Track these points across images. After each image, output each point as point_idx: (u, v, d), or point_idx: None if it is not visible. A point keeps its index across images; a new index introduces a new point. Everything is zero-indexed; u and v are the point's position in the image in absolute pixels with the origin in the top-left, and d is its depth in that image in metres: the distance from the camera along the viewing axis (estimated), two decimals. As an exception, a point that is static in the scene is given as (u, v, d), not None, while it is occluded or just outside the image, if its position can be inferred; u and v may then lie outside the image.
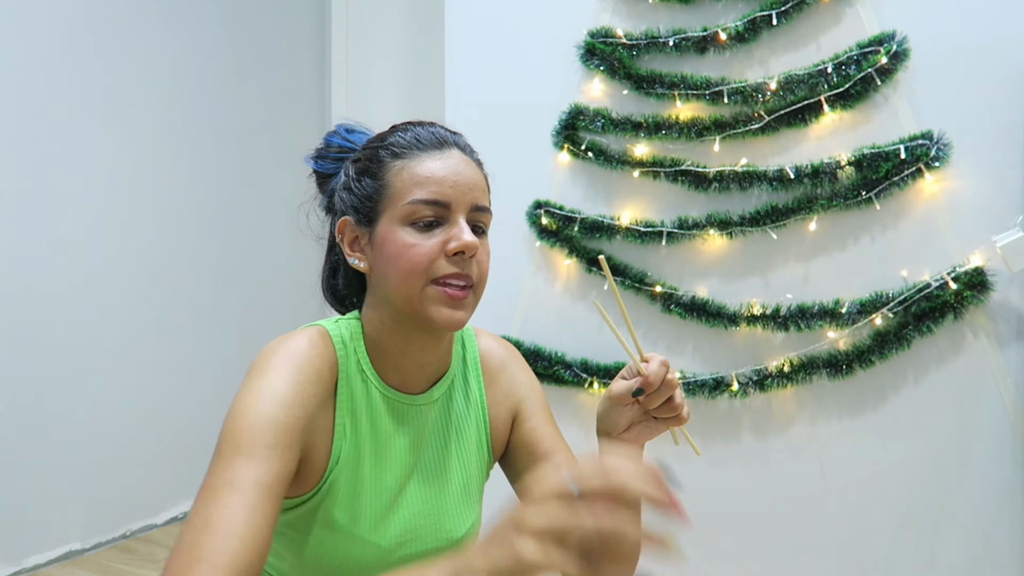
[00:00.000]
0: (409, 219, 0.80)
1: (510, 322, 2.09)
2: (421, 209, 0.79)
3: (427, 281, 0.79)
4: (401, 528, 0.85)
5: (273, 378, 0.75)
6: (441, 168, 0.81)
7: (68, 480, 2.61)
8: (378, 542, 0.83)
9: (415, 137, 0.84)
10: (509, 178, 2.07)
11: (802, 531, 1.87)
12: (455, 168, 0.82)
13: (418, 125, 0.87)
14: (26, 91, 2.51)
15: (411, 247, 0.79)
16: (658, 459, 0.73)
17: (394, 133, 0.86)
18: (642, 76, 1.89)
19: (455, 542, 0.89)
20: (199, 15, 3.07)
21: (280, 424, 0.72)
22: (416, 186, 0.80)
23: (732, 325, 1.85)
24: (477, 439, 0.94)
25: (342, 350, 0.83)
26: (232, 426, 0.71)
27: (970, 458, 1.72)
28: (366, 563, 0.82)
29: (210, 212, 3.13)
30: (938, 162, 1.67)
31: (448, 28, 2.17)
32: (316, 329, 0.84)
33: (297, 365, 0.77)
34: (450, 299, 0.79)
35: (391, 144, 0.84)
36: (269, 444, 0.70)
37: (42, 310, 2.57)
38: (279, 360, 0.77)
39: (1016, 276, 1.66)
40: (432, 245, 0.79)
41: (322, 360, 0.80)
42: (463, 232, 0.79)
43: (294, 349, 0.79)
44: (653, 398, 0.75)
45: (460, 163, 0.83)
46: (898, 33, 1.70)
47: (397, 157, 0.82)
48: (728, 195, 1.86)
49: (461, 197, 0.81)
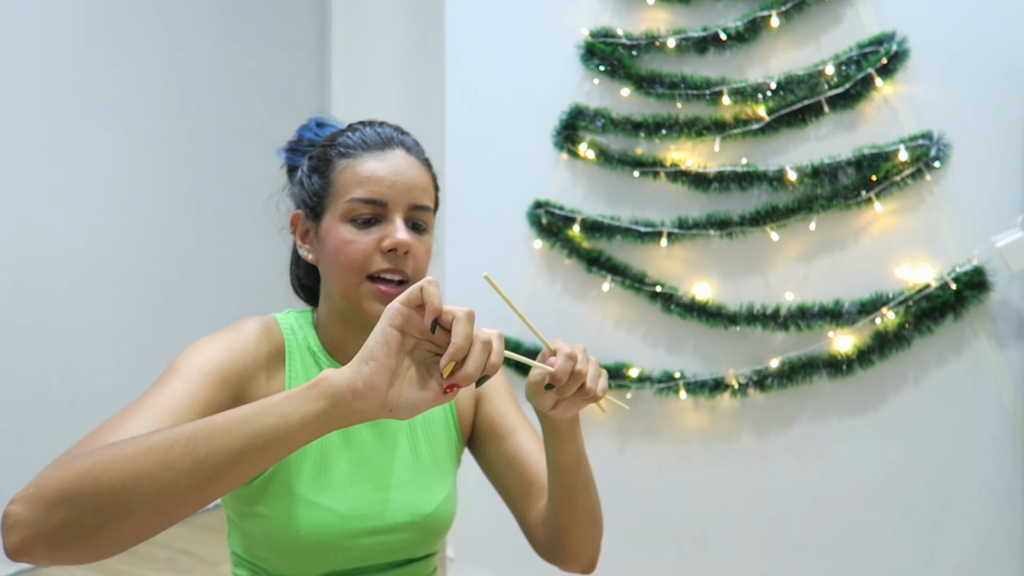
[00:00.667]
0: (348, 216, 0.84)
1: (510, 322, 2.09)
2: (359, 207, 0.84)
3: (363, 277, 0.84)
4: (367, 500, 0.87)
5: (215, 336, 0.84)
6: (381, 168, 0.85)
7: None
8: (343, 511, 0.85)
9: (361, 137, 0.88)
10: (509, 178, 2.08)
11: (802, 531, 1.87)
12: (395, 168, 0.86)
13: (368, 125, 0.91)
14: (25, 91, 2.51)
15: (348, 243, 0.83)
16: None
17: (344, 133, 0.91)
18: (642, 76, 1.89)
19: (423, 517, 0.90)
20: (199, 15, 3.07)
21: (215, 360, 0.78)
22: (356, 185, 0.85)
23: (732, 325, 1.85)
24: (444, 419, 0.97)
25: (290, 334, 0.90)
26: (172, 364, 0.79)
27: (970, 458, 1.72)
28: (331, 533, 0.84)
29: (210, 212, 3.13)
30: (938, 162, 1.67)
31: (448, 28, 2.18)
32: (264, 317, 0.90)
33: (238, 329, 0.85)
34: (383, 295, 0.83)
35: (340, 143, 0.88)
36: (202, 370, 0.77)
37: (42, 310, 2.57)
38: (225, 328, 0.86)
39: (1016, 276, 1.66)
40: (368, 242, 0.83)
41: (266, 334, 0.87)
42: (397, 230, 0.83)
43: (239, 324, 0.87)
44: (564, 389, 0.75)
45: (402, 163, 0.87)
46: (898, 33, 1.70)
47: (343, 156, 0.87)
48: (728, 195, 1.86)
49: (399, 196, 0.85)
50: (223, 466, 0.58)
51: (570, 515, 0.88)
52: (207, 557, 2.69)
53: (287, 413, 0.58)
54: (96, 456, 0.59)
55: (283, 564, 0.85)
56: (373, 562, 0.89)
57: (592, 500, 0.90)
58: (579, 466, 0.86)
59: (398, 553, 0.90)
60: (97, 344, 2.71)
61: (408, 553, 0.92)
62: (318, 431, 0.59)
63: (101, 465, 0.58)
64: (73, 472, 0.58)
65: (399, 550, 0.90)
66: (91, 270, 2.70)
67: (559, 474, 0.85)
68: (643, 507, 2.01)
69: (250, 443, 0.58)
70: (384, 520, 0.88)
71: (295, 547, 0.84)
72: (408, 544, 0.91)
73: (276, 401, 0.59)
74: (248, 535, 0.87)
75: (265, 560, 0.87)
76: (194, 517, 3.08)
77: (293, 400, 0.59)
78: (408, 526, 0.89)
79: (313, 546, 0.84)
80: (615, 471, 2.02)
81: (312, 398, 0.59)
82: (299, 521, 0.84)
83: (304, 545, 0.84)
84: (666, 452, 1.98)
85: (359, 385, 0.58)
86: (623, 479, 2.02)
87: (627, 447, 2.01)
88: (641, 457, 2.00)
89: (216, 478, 0.58)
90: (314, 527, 0.84)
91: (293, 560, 0.84)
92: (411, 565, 0.93)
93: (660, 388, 1.92)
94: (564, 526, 0.89)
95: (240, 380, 0.81)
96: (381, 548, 0.88)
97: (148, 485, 0.57)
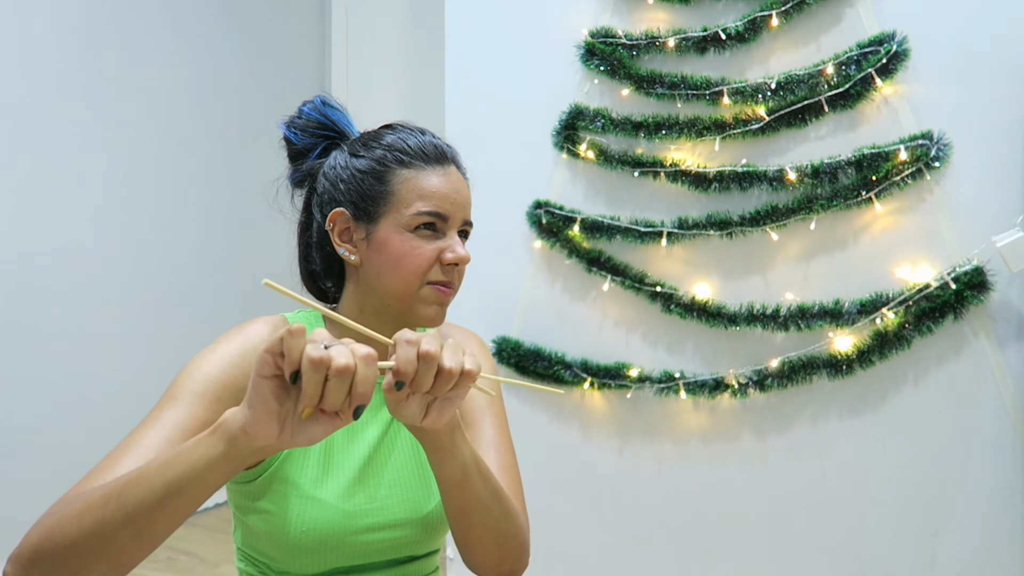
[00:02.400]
0: (412, 226, 0.88)
1: (510, 322, 2.09)
2: (425, 219, 0.88)
3: (423, 283, 0.88)
4: (368, 496, 0.88)
5: (220, 345, 0.85)
6: (444, 185, 0.90)
7: (68, 480, 2.61)
8: (344, 508, 0.86)
9: (420, 148, 0.91)
10: (509, 178, 2.08)
11: (802, 531, 1.87)
12: (455, 186, 0.91)
13: (419, 132, 0.93)
14: (24, 90, 2.51)
15: (414, 251, 0.87)
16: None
17: (396, 136, 0.92)
18: (642, 76, 1.89)
19: (423, 514, 0.91)
20: (199, 14, 3.07)
21: (212, 377, 0.80)
22: (421, 199, 0.88)
23: (732, 325, 1.85)
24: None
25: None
26: (176, 379, 0.81)
27: (970, 458, 1.72)
28: (332, 530, 0.85)
29: (210, 211, 3.13)
30: (938, 162, 1.67)
31: (448, 28, 2.18)
32: (274, 317, 0.92)
33: (245, 336, 0.86)
34: (441, 295, 0.89)
35: (398, 150, 0.90)
36: (197, 392, 0.79)
37: (42, 309, 2.57)
38: (231, 333, 0.87)
39: (1016, 276, 1.66)
40: (431, 252, 0.88)
41: (274, 335, 0.84)
42: (458, 245, 0.89)
43: (247, 326, 0.88)
44: (419, 382, 0.62)
45: (458, 181, 0.92)
46: (898, 33, 1.70)
47: (404, 166, 0.89)
48: (728, 195, 1.86)
49: (457, 212, 0.90)
50: (151, 514, 0.61)
51: (466, 532, 0.84)
52: (207, 557, 2.70)
53: (194, 460, 0.60)
54: (56, 516, 0.64)
55: (285, 559, 0.86)
56: (375, 559, 0.89)
57: (491, 515, 0.83)
58: (467, 482, 0.79)
59: (399, 550, 0.91)
60: (97, 343, 2.71)
61: (409, 550, 0.92)
62: (228, 471, 0.60)
63: (58, 526, 0.63)
64: (40, 533, 0.64)
65: (400, 547, 0.90)
66: (91, 270, 2.70)
67: (447, 491, 0.80)
68: (643, 507, 2.01)
69: (167, 490, 0.60)
70: (385, 517, 0.88)
71: (297, 543, 0.84)
72: (409, 541, 0.91)
73: (186, 448, 0.61)
74: (251, 530, 0.87)
75: (268, 555, 0.87)
76: (194, 517, 3.08)
77: (199, 445, 0.60)
78: (408, 523, 0.90)
79: (314, 542, 0.84)
80: (615, 471, 2.02)
81: (214, 442, 0.59)
82: (301, 517, 0.84)
83: (306, 541, 0.84)
84: (666, 452, 1.98)
85: (248, 429, 0.57)
86: (623, 479, 2.02)
87: (627, 447, 2.01)
88: (641, 457, 2.00)
89: (148, 527, 0.61)
90: (316, 523, 0.84)
91: (295, 556, 0.85)
92: (413, 563, 0.93)
93: (660, 388, 1.92)
94: (463, 543, 0.86)
95: (239, 394, 0.81)
96: (382, 545, 0.89)
97: (95, 541, 0.62)
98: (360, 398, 0.56)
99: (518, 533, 0.88)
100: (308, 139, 0.96)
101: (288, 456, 0.86)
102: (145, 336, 2.86)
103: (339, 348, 0.56)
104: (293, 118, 0.97)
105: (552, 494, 2.08)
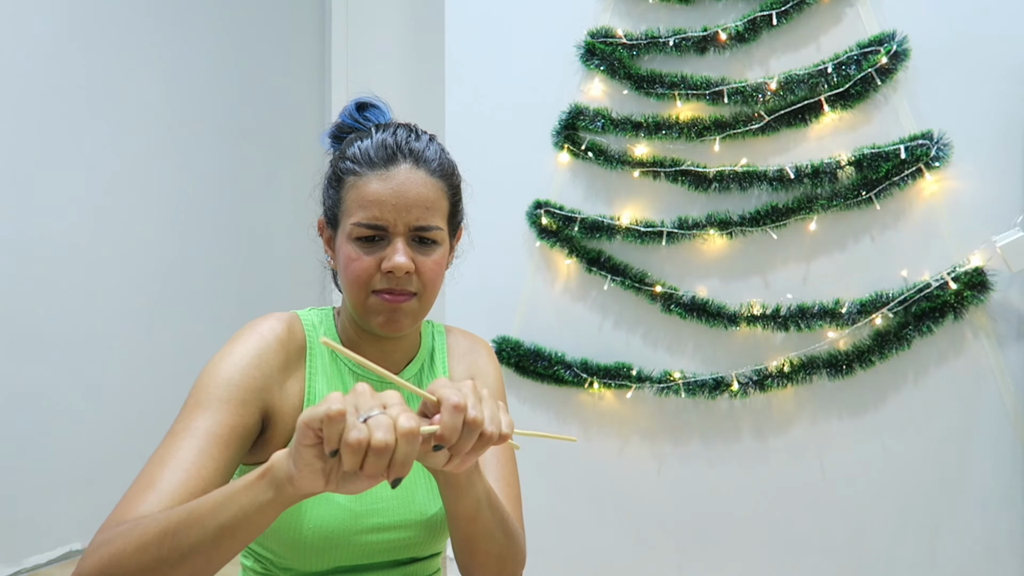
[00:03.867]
0: (353, 236, 0.86)
1: (510, 322, 2.09)
2: (361, 230, 0.85)
3: (368, 293, 0.86)
4: (374, 496, 0.88)
5: (236, 346, 0.84)
6: (383, 190, 0.85)
7: (68, 480, 2.61)
8: (350, 507, 0.86)
9: (367, 152, 0.87)
10: (509, 178, 2.08)
11: (802, 531, 1.87)
12: (397, 189, 0.85)
13: (381, 130, 0.89)
14: (23, 89, 2.51)
15: (353, 261, 0.85)
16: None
17: (354, 142, 0.89)
18: (642, 76, 1.89)
19: (428, 515, 0.91)
20: (199, 13, 3.07)
21: (234, 382, 0.81)
22: (359, 207, 0.85)
23: (732, 325, 1.85)
24: None
25: (312, 330, 0.92)
26: (197, 383, 0.82)
27: (970, 458, 1.72)
28: (337, 529, 0.85)
29: (209, 212, 3.13)
30: (938, 162, 1.67)
31: (448, 28, 2.18)
32: (287, 314, 0.92)
33: (260, 334, 0.86)
34: (388, 305, 0.85)
35: (348, 157, 0.88)
36: (222, 398, 0.79)
37: (42, 310, 2.57)
38: (246, 332, 0.86)
39: (1016, 276, 1.66)
40: (369, 262, 0.85)
41: (288, 333, 0.88)
42: (396, 253, 0.84)
43: (261, 324, 0.88)
44: (459, 445, 0.63)
45: (405, 182, 0.85)
46: (898, 33, 1.70)
47: (350, 173, 0.87)
48: (728, 195, 1.86)
49: (399, 219, 0.85)
50: (206, 553, 0.63)
51: (469, 557, 0.86)
52: (207, 557, 2.69)
53: (244, 504, 0.62)
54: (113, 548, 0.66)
55: (290, 556, 0.86)
56: (378, 559, 0.89)
57: (496, 543, 0.85)
58: (478, 515, 0.80)
59: (403, 551, 0.91)
60: (97, 343, 2.71)
61: (413, 551, 0.92)
62: (275, 513, 0.62)
63: (115, 560, 0.65)
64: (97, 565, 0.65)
65: (404, 548, 0.91)
66: (91, 270, 2.70)
67: (457, 524, 0.81)
68: (643, 507, 2.01)
69: (220, 533, 0.63)
70: (390, 517, 0.89)
71: (301, 541, 0.84)
72: (413, 542, 0.91)
73: (236, 490, 0.63)
74: None
75: (272, 552, 0.88)
76: (194, 517, 3.08)
77: (249, 490, 0.62)
78: (413, 524, 0.90)
79: (319, 541, 0.85)
80: (615, 471, 2.02)
81: (263, 488, 0.61)
82: (306, 515, 0.85)
83: (310, 539, 0.84)
84: (666, 452, 1.98)
85: (295, 480, 0.59)
86: (623, 479, 2.02)
87: (627, 447, 2.01)
88: (641, 457, 2.00)
89: (204, 565, 0.64)
90: (321, 522, 0.85)
91: (299, 553, 0.85)
92: (415, 564, 0.93)
93: (660, 388, 1.92)
94: (465, 565, 0.88)
95: (261, 393, 0.83)
96: (386, 545, 0.89)
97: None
98: (398, 472, 0.57)
99: (518, 552, 0.90)
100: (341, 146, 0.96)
101: None
102: (145, 336, 2.86)
103: (380, 420, 0.56)
104: (332, 128, 0.97)
105: (552, 494, 2.08)
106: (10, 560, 2.49)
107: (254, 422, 0.82)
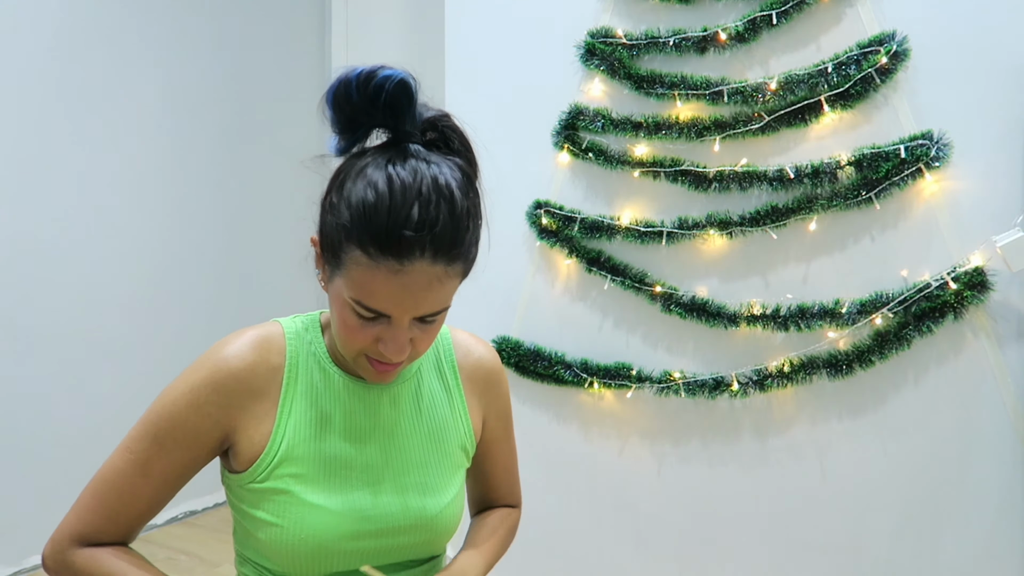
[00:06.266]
0: (349, 304, 0.78)
1: (510, 322, 2.09)
2: (361, 309, 0.77)
3: (360, 353, 0.82)
4: (371, 503, 0.87)
5: (193, 376, 0.84)
6: (394, 286, 0.75)
7: (68, 480, 2.61)
8: (345, 514, 0.85)
9: (382, 234, 0.72)
10: (509, 178, 2.08)
11: (802, 531, 1.87)
12: (409, 287, 0.75)
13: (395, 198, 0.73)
14: (23, 89, 2.51)
15: (348, 328, 0.79)
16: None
17: (366, 199, 0.74)
18: (642, 76, 1.89)
19: (429, 519, 0.90)
20: (200, 13, 3.07)
21: (179, 422, 0.83)
22: (361, 289, 0.75)
23: (732, 325, 1.85)
24: (454, 418, 0.96)
25: (294, 341, 0.89)
26: (152, 407, 0.84)
27: (970, 458, 1.72)
28: (333, 536, 0.84)
29: (209, 212, 3.13)
30: (938, 162, 1.67)
31: (448, 28, 2.18)
32: (269, 326, 0.89)
33: (218, 364, 0.84)
34: (378, 369, 0.83)
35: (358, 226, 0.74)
36: (170, 435, 0.83)
37: (42, 310, 2.56)
38: (206, 360, 0.85)
39: (1016, 276, 1.66)
40: (367, 335, 0.79)
41: (260, 354, 0.86)
42: (394, 340, 0.79)
43: (226, 347, 0.86)
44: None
45: (419, 280, 0.75)
46: (898, 33, 1.70)
47: (359, 245, 0.74)
48: (728, 195, 1.86)
49: (407, 312, 0.77)
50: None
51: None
52: (207, 557, 2.69)
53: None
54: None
55: (285, 564, 0.85)
56: (376, 564, 0.88)
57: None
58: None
59: (402, 555, 0.90)
60: (96, 344, 2.71)
61: (412, 555, 0.91)
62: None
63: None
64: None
65: (403, 552, 0.90)
66: (89, 270, 2.70)
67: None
68: (643, 507, 2.01)
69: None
70: (388, 523, 0.88)
71: (297, 548, 0.84)
72: (412, 546, 0.90)
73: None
74: (251, 534, 0.87)
75: (267, 559, 0.87)
76: (194, 517, 3.08)
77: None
78: (413, 529, 0.89)
79: (315, 548, 0.84)
80: (615, 471, 2.02)
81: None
82: (301, 523, 0.84)
83: (306, 547, 0.84)
84: (666, 452, 1.98)
85: None
86: (623, 479, 2.02)
87: (627, 447, 2.01)
88: (641, 457, 2.00)
89: None
90: (316, 529, 0.84)
91: (295, 561, 0.85)
92: (415, 568, 0.93)
93: (660, 388, 1.92)
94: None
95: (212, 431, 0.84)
96: (384, 551, 0.88)
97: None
98: None
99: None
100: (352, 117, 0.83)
101: (287, 462, 0.85)
102: (145, 336, 2.86)
103: None
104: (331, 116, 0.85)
105: (552, 494, 2.08)
106: (10, 560, 2.49)
107: (205, 453, 0.85)
